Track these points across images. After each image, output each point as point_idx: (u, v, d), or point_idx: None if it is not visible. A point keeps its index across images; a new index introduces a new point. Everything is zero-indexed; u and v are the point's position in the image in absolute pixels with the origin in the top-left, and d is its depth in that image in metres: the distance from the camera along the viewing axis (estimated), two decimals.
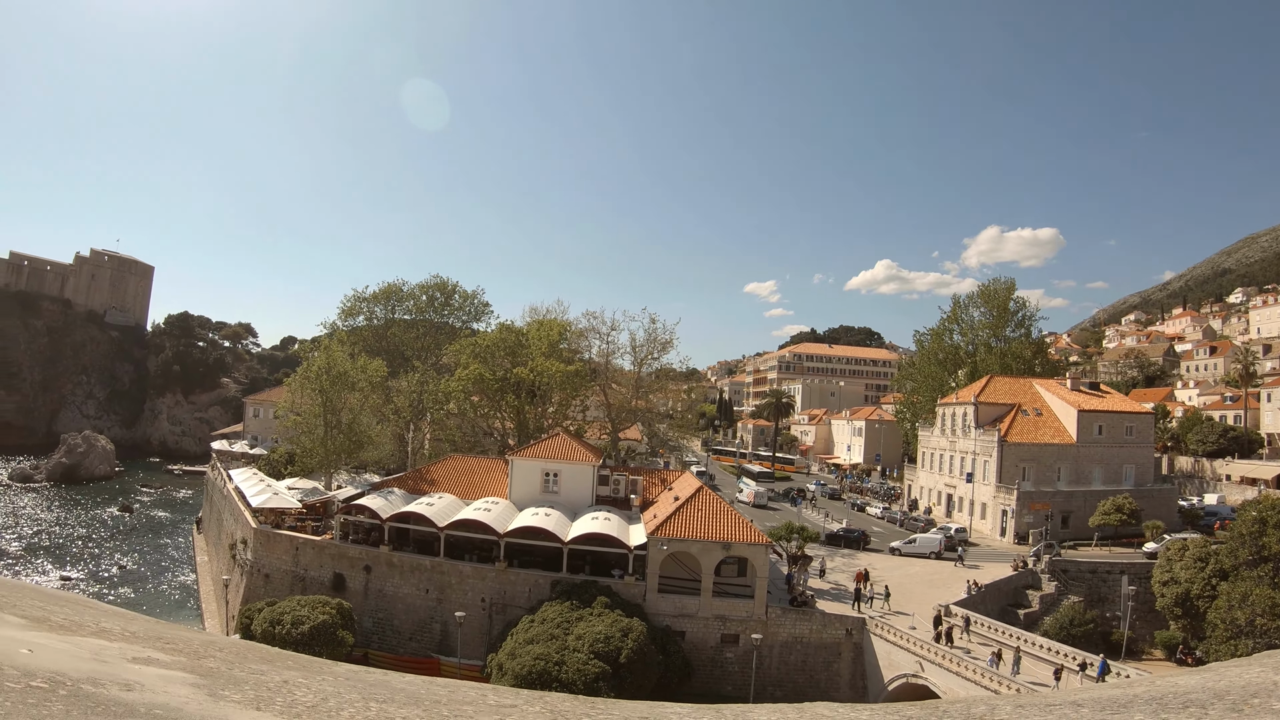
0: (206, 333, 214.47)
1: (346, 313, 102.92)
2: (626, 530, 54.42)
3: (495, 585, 53.65)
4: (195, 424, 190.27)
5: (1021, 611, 60.86)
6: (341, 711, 4.24)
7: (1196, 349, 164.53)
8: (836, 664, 51.83)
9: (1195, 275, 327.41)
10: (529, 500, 59.81)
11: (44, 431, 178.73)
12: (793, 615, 51.64)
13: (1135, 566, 66.80)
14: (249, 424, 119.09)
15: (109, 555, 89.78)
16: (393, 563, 56.26)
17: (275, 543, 60.93)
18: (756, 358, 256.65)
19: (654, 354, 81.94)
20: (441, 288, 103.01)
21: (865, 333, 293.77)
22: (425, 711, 4.48)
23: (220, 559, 79.03)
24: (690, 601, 51.21)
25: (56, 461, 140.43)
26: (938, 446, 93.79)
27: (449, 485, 62.86)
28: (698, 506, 53.42)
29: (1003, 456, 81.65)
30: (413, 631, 55.12)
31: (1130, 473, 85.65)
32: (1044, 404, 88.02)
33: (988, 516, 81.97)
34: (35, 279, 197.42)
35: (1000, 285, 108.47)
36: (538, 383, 73.27)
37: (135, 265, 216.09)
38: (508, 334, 79.86)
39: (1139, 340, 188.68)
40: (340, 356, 73.61)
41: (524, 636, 45.08)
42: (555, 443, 62.92)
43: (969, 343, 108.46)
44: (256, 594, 58.69)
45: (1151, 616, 63.00)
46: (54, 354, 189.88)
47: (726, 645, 50.89)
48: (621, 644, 41.89)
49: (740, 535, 51.47)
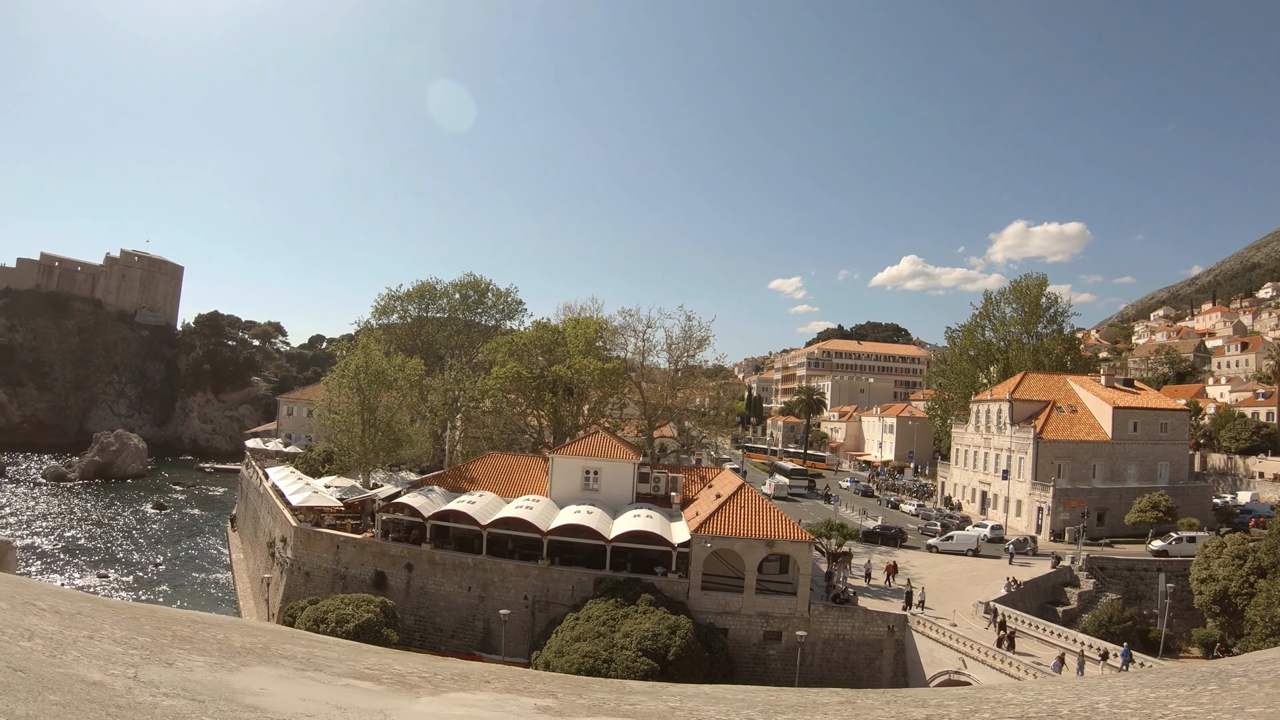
0: (236, 331, 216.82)
1: (380, 310, 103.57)
2: (669, 528, 54.69)
3: (538, 583, 53.98)
4: (226, 422, 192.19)
5: (1060, 609, 60.68)
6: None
7: (1227, 345, 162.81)
8: (878, 661, 51.96)
9: (1224, 270, 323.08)
10: (569, 498, 60.11)
11: (76, 430, 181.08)
12: (835, 612, 51.78)
13: (1172, 564, 66.48)
14: (283, 422, 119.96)
15: (145, 553, 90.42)
16: (435, 560, 56.62)
17: (316, 541, 61.25)
18: (783, 354, 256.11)
19: (690, 351, 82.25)
20: (475, 286, 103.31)
21: (892, 329, 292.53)
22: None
23: (257, 557, 79.50)
24: (733, 599, 51.41)
25: (90, 460, 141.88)
26: (972, 443, 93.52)
27: (488, 483, 63.24)
28: (740, 504, 53.64)
29: (1038, 453, 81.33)
30: (455, 629, 55.40)
31: (1165, 470, 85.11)
32: (1078, 401, 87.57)
33: (1023, 513, 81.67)
34: (66, 280, 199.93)
35: (1032, 281, 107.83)
36: (575, 381, 73.57)
37: (165, 265, 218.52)
38: (544, 332, 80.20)
39: (1169, 336, 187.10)
40: (377, 355, 74.09)
41: (571, 634, 45.45)
42: (595, 440, 63.25)
43: (1001, 339, 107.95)
44: (297, 592, 59.18)
45: (1188, 614, 62.74)
46: (85, 353, 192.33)
47: (769, 642, 51.08)
48: (669, 641, 42.23)
49: (783, 533, 51.64)
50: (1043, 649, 48.26)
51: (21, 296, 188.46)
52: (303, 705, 4.26)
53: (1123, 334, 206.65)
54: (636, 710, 5.01)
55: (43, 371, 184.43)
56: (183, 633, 5.93)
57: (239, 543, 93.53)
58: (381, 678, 5.56)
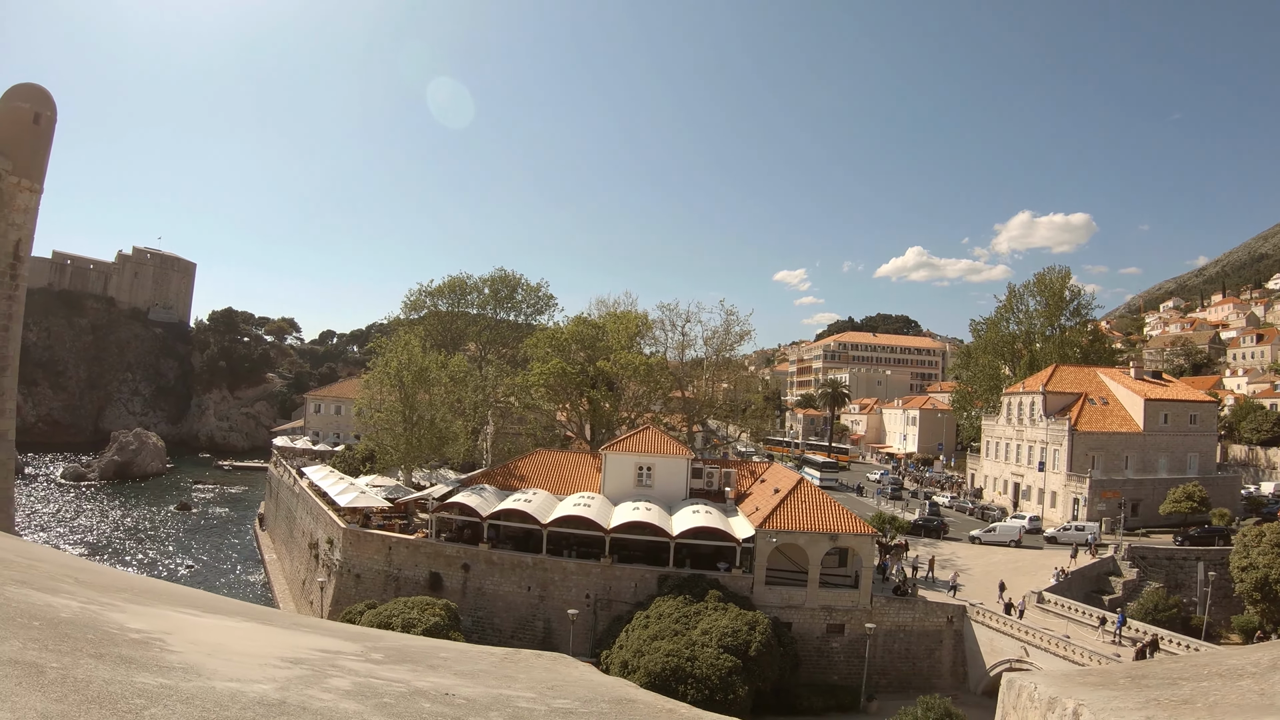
0: (250, 328, 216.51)
1: (411, 306, 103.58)
2: (728, 523, 55.11)
3: (600, 581, 54.18)
4: (242, 419, 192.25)
5: (1106, 598, 61.50)
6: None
7: (1242, 336, 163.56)
8: (938, 651, 52.73)
9: (1232, 261, 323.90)
10: (622, 495, 60.21)
11: (91, 429, 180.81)
12: (896, 604, 52.51)
13: (1211, 553, 67.39)
14: (310, 420, 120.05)
15: (174, 554, 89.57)
16: (493, 560, 56.45)
17: (366, 542, 60.80)
18: (795, 346, 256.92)
19: (729, 345, 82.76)
20: (506, 281, 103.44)
21: (903, 320, 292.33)
22: None
23: (294, 557, 79.22)
24: (796, 593, 51.96)
25: (109, 459, 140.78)
26: (1003, 435, 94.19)
27: (539, 481, 63.05)
28: (800, 498, 54.17)
29: (1073, 445, 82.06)
30: (514, 630, 55.08)
31: (1194, 461, 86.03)
32: (1109, 393, 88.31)
33: (1058, 505, 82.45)
34: (78, 278, 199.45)
35: (1055, 274, 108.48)
36: (619, 376, 73.94)
37: (177, 262, 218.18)
38: (584, 327, 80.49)
39: (1183, 328, 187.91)
40: (418, 352, 74.05)
41: (645, 633, 45.84)
42: (647, 436, 63.57)
43: (1025, 332, 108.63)
44: (348, 594, 58.93)
45: (1227, 602, 63.73)
46: (99, 352, 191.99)
47: (832, 635, 51.71)
48: (750, 637, 42.82)
49: (846, 526, 52.30)
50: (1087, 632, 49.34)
51: (34, 295, 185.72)
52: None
53: (1134, 325, 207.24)
54: None
55: (57, 370, 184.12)
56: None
57: (270, 542, 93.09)
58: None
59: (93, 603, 3.98)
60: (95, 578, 5.32)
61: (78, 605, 3.77)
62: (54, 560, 6.03)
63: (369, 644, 4.47)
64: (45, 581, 4.27)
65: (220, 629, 4.33)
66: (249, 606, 6.42)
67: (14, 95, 47.47)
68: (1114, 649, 46.82)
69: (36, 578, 4.32)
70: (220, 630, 4.27)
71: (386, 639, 5.17)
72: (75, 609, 3.71)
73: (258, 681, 3.17)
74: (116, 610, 3.99)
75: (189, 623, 4.22)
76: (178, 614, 4.40)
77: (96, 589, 4.59)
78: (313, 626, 5.33)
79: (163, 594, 5.47)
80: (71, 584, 4.45)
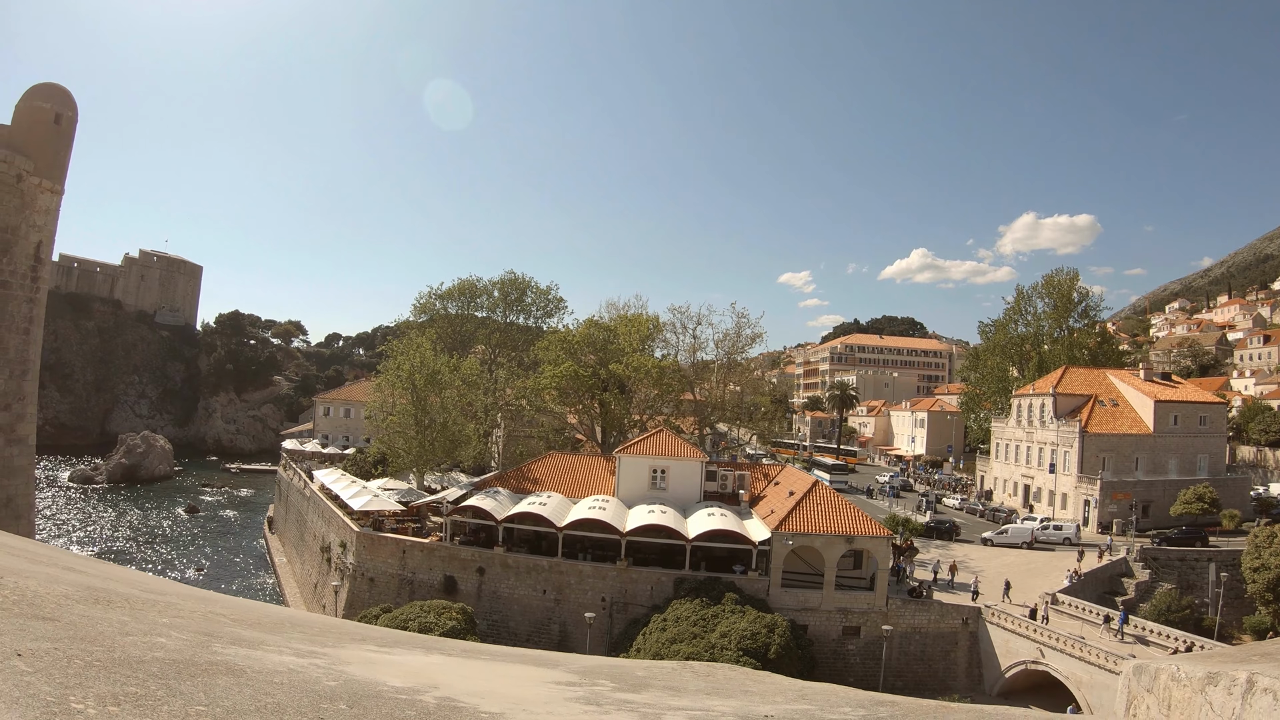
0: (257, 331, 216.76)
1: (421, 308, 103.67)
2: (744, 526, 55.17)
3: (616, 584, 54.25)
4: (249, 422, 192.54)
5: (1119, 599, 61.64)
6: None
7: (1249, 338, 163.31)
8: (954, 653, 52.83)
9: (1237, 261, 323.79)
10: (636, 497, 60.29)
11: (98, 432, 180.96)
12: (912, 606, 52.63)
13: (1223, 554, 67.56)
14: (319, 423, 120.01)
15: (183, 557, 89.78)
16: (508, 564, 56.46)
17: (380, 546, 60.84)
18: (801, 349, 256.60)
19: (740, 348, 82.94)
20: (515, 284, 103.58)
21: (908, 322, 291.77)
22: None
23: (305, 561, 79.28)
24: (812, 595, 52.05)
25: (117, 462, 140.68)
26: (1013, 437, 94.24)
27: (552, 484, 63.06)
28: (816, 500, 54.29)
29: (1084, 447, 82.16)
30: (530, 633, 55.00)
31: (1204, 462, 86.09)
32: (1119, 395, 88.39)
33: (1068, 507, 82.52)
34: (85, 280, 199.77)
35: (1063, 276, 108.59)
36: (631, 379, 74.02)
37: (184, 265, 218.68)
38: (596, 330, 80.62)
39: (1189, 329, 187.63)
40: (430, 355, 74.13)
41: (663, 636, 45.95)
42: (661, 439, 63.60)
43: (1034, 334, 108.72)
44: (361, 598, 58.91)
45: (1239, 603, 63.81)
46: (105, 354, 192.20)
47: (848, 637, 51.81)
48: (769, 639, 42.94)
49: (862, 528, 52.40)
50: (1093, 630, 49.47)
51: None
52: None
53: (1140, 326, 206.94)
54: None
55: (64, 373, 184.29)
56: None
57: (280, 546, 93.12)
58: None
59: (319, 657, 3.87)
60: (251, 614, 5.25)
61: (322, 665, 3.61)
62: (186, 594, 5.95)
63: (577, 669, 4.52)
64: (242, 633, 4.15)
65: (456, 669, 4.31)
66: (412, 636, 6.39)
67: (34, 95, 47.17)
68: (1129, 648, 46.90)
69: (219, 627, 4.21)
70: (453, 670, 4.26)
71: (583, 661, 5.24)
72: (326, 670, 3.53)
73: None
74: (353, 665, 3.87)
75: (422, 666, 4.21)
76: (391, 656, 4.35)
77: (305, 636, 4.50)
78: (517, 657, 5.33)
79: (331, 629, 5.41)
80: (253, 629, 4.37)
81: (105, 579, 5.62)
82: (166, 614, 4.29)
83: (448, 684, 3.62)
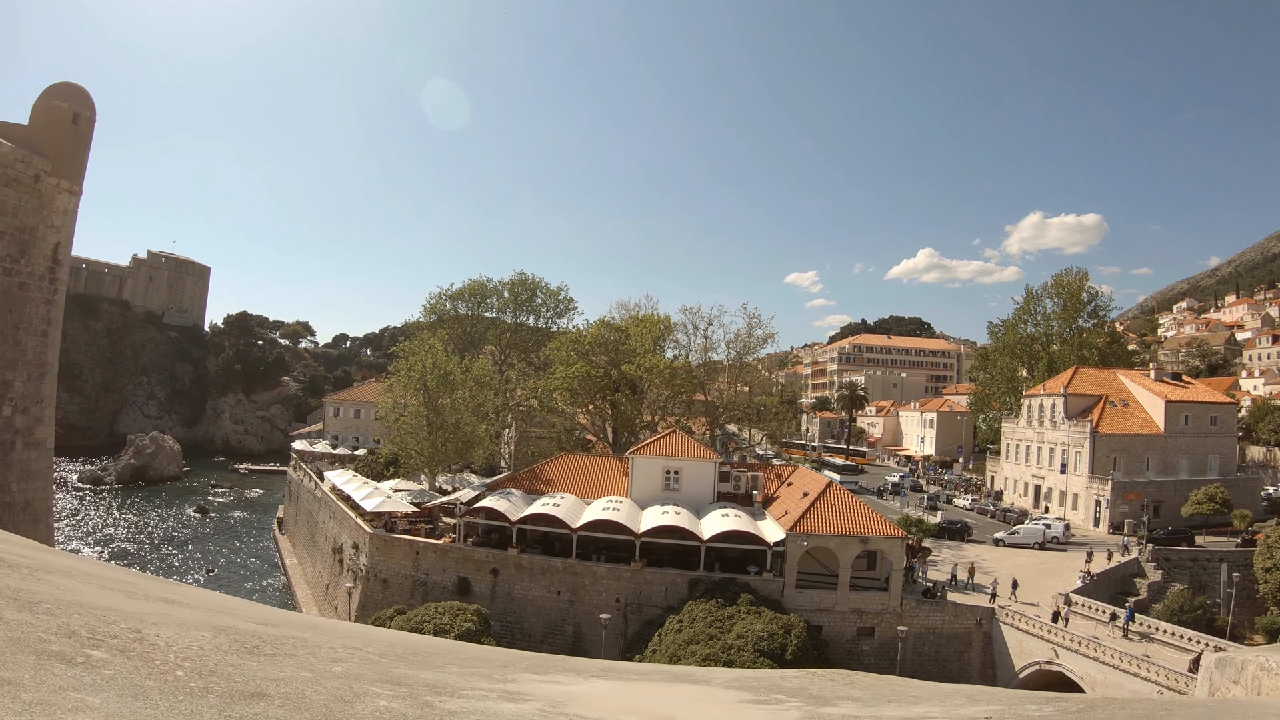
0: (265, 331, 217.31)
1: (431, 309, 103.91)
2: (758, 527, 55.30)
3: (630, 585, 54.32)
4: (257, 423, 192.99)
5: (1131, 599, 61.67)
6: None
7: (1258, 337, 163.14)
8: (967, 653, 52.85)
9: (1245, 261, 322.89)
10: (650, 498, 60.36)
11: (106, 432, 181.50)
12: (926, 606, 52.70)
13: (1235, 554, 67.63)
14: (329, 423, 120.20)
15: (194, 558, 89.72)
16: (522, 565, 56.55)
17: (393, 547, 60.96)
18: (808, 349, 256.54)
19: (752, 348, 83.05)
20: (525, 284, 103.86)
21: (915, 322, 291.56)
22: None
23: (316, 562, 79.38)
24: (827, 596, 52.14)
25: (126, 463, 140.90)
26: (1023, 437, 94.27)
27: (565, 484, 63.11)
28: (830, 501, 54.39)
29: (1094, 447, 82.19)
30: (543, 634, 55.15)
31: (1215, 462, 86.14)
32: (1130, 395, 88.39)
33: (1079, 507, 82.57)
34: (94, 281, 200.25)
35: (1072, 276, 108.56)
36: (643, 379, 74.14)
37: (192, 266, 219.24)
38: (607, 330, 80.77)
39: (1198, 329, 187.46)
40: (442, 355, 74.32)
41: (679, 637, 46.04)
42: (674, 440, 63.70)
43: (1043, 334, 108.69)
44: (374, 599, 59.00)
45: (1250, 604, 63.84)
46: (114, 355, 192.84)
47: (862, 638, 51.87)
48: (785, 640, 43.04)
49: (877, 529, 52.50)
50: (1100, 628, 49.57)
51: None
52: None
53: (1147, 326, 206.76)
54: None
55: (73, 374, 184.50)
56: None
57: (290, 546, 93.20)
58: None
59: (523, 700, 3.69)
60: (376, 643, 5.08)
61: (538, 708, 3.45)
62: (300, 623, 5.77)
63: (724, 683, 4.56)
64: (417, 674, 3.93)
65: (630, 694, 4.27)
66: (547, 659, 6.27)
67: (52, 94, 47.05)
68: (1142, 649, 46.96)
69: (390, 669, 3.98)
70: (629, 695, 4.21)
71: (722, 675, 5.27)
72: (545, 713, 3.40)
73: None
74: (573, 705, 3.75)
75: (603, 692, 4.15)
76: (569, 687, 4.24)
77: (467, 669, 4.37)
78: (655, 675, 5.34)
79: (477, 658, 5.23)
80: (415, 667, 4.18)
81: (208, 610, 5.54)
82: (322, 658, 4.10)
83: (653, 710, 3.57)
